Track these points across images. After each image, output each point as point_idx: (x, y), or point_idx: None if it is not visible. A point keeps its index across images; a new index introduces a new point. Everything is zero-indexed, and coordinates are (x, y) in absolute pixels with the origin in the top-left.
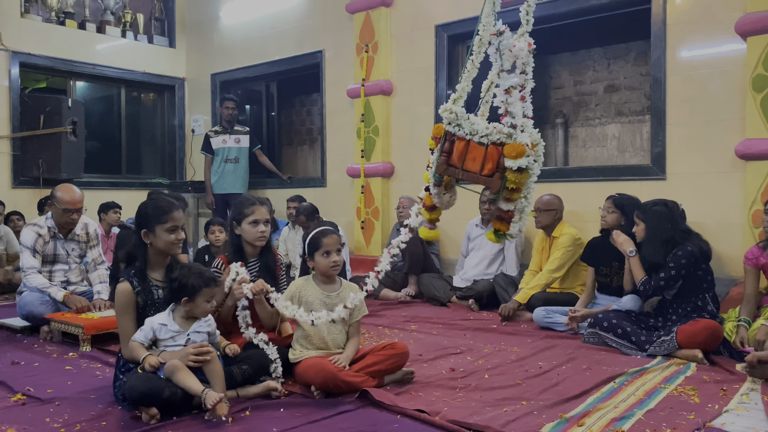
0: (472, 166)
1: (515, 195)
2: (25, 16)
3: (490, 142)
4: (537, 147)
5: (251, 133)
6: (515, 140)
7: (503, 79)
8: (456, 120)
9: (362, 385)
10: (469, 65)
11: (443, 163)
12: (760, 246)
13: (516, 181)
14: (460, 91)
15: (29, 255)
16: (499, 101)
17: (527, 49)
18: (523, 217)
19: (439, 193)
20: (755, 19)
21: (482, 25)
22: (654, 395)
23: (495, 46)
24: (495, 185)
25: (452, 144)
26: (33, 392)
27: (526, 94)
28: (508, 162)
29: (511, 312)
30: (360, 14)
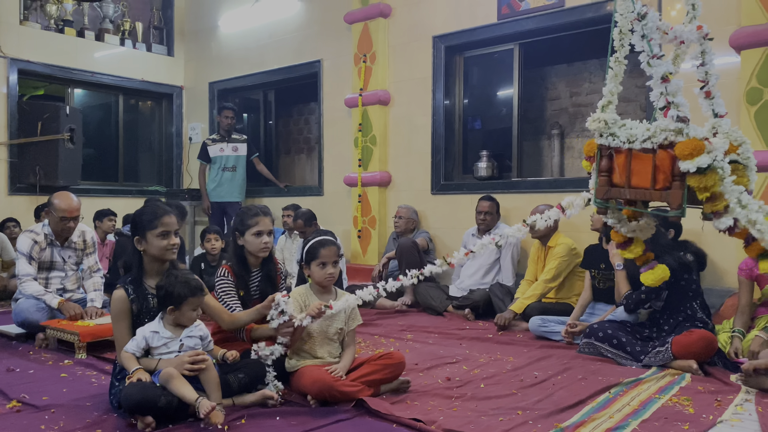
0: (641, 181)
1: (718, 204)
2: (24, 24)
3: (657, 146)
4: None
5: (249, 141)
6: (687, 136)
7: (655, 66)
8: (608, 129)
9: (358, 395)
10: (613, 62)
11: (604, 185)
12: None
13: (704, 185)
14: (608, 95)
15: (25, 262)
16: (655, 94)
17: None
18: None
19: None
20: (749, 33)
21: (619, 13)
22: (649, 405)
23: (639, 32)
24: (675, 198)
25: (611, 159)
26: (28, 399)
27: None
28: (683, 164)
29: (507, 322)
30: (358, 24)
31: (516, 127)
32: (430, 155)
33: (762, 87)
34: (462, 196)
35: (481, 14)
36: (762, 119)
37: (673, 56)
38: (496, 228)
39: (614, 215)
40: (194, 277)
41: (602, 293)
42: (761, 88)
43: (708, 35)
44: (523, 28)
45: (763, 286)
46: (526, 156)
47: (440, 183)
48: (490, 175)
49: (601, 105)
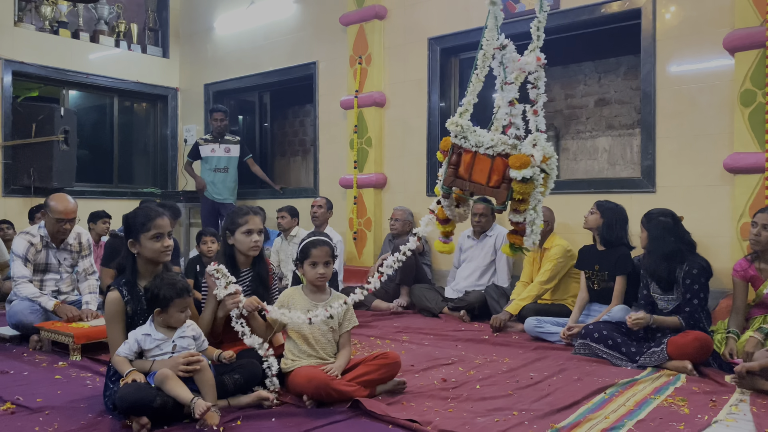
0: (479, 178)
1: (522, 206)
2: (19, 25)
3: (496, 154)
4: (550, 160)
5: (242, 143)
6: (520, 151)
7: (506, 91)
8: (462, 132)
9: (354, 395)
10: (474, 79)
11: (451, 175)
12: (748, 258)
13: (522, 191)
14: (466, 105)
15: (21, 264)
16: (502, 113)
17: (536, 63)
18: (535, 229)
19: (451, 206)
20: (743, 35)
21: (485, 39)
22: (644, 406)
23: (498, 59)
24: (501, 196)
25: (459, 156)
26: (22, 401)
27: (539, 108)
28: (513, 172)
29: (502, 323)
30: (354, 26)
31: None
32: (426, 157)
33: (756, 89)
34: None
35: (476, 16)
36: (756, 121)
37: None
38: (492, 229)
39: (449, 200)
40: (181, 279)
41: (597, 294)
42: (755, 90)
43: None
44: (518, 31)
45: (758, 287)
46: None
47: (436, 185)
48: None
49: (459, 112)
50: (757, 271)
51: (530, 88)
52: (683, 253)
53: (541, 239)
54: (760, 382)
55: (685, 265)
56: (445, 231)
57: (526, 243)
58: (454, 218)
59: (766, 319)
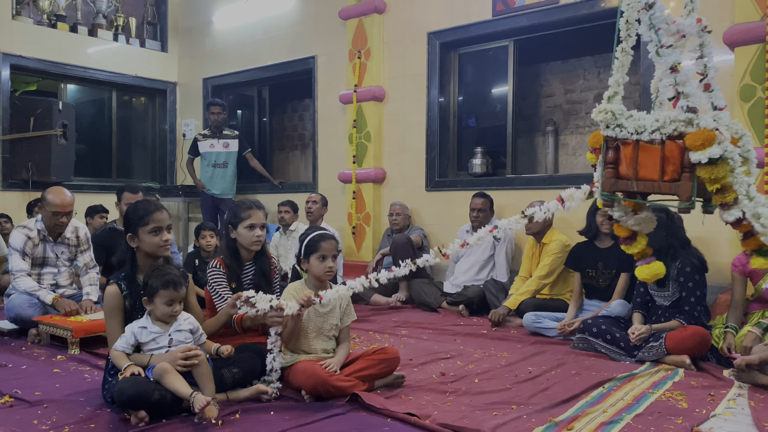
0: (649, 173)
1: (727, 196)
2: (17, 19)
3: (665, 137)
4: (742, 140)
5: (240, 137)
6: (698, 126)
7: (665, 56)
8: (614, 120)
9: (352, 389)
10: (619, 53)
11: (611, 177)
12: (747, 253)
13: (713, 177)
14: (614, 86)
15: (18, 258)
16: (665, 84)
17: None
18: (764, 221)
19: (626, 215)
20: (743, 30)
21: (626, 3)
22: (642, 400)
23: (646, 22)
24: (685, 190)
25: (618, 151)
26: (21, 394)
27: (711, 81)
28: (694, 155)
29: (501, 317)
30: (353, 20)
31: (510, 124)
32: (425, 152)
33: (755, 84)
34: (456, 193)
35: (476, 10)
36: (755, 116)
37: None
38: (490, 224)
39: (620, 208)
40: (174, 272)
41: (600, 292)
42: (755, 84)
43: (707, 28)
44: (518, 25)
45: (756, 282)
46: (521, 153)
47: (435, 179)
48: (484, 171)
49: (607, 96)
50: None
51: (696, 59)
52: (675, 249)
53: (541, 234)
54: (758, 376)
55: (678, 262)
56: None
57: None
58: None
59: (764, 314)
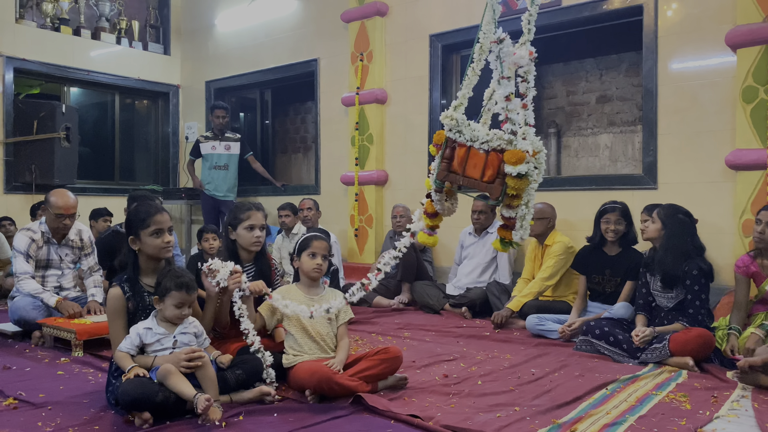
0: (473, 173)
1: (516, 201)
2: (20, 22)
3: (491, 149)
4: (539, 155)
5: (242, 140)
6: (515, 147)
7: (503, 86)
8: (457, 126)
9: (356, 389)
10: (470, 72)
11: (444, 170)
12: (750, 255)
13: (516, 187)
14: (461, 98)
15: (23, 260)
16: (499, 108)
17: (528, 57)
18: (524, 224)
19: (441, 200)
20: (745, 31)
21: (482, 32)
22: (646, 402)
23: (495, 53)
24: (495, 191)
25: (453, 150)
26: (25, 396)
27: (528, 102)
28: (508, 168)
29: (503, 320)
30: (355, 23)
31: None
32: (427, 154)
33: (758, 85)
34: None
35: (478, 13)
36: (758, 117)
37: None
38: (492, 226)
39: (440, 194)
40: (189, 275)
41: (605, 297)
42: (757, 86)
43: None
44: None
45: (760, 283)
46: None
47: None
48: None
49: (454, 106)
50: (760, 268)
51: (520, 82)
52: (692, 255)
53: (543, 236)
54: (762, 378)
55: (686, 265)
56: (432, 225)
57: (515, 237)
58: (443, 212)
59: (767, 316)
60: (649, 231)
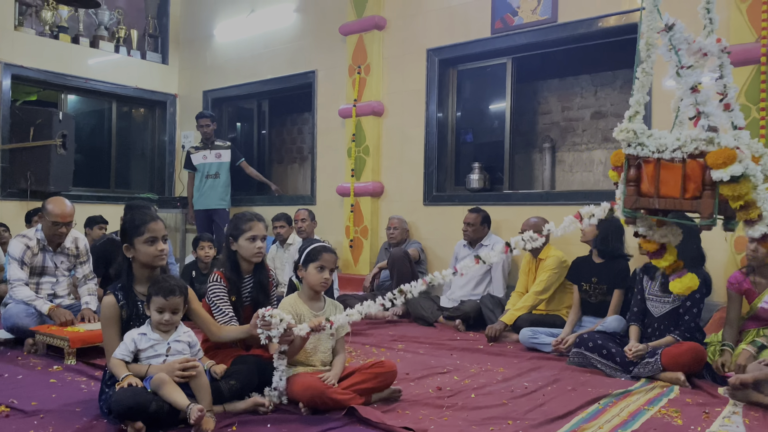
0: (671, 191)
1: (752, 212)
2: (19, 29)
3: (687, 156)
4: (763, 158)
5: (233, 147)
6: (719, 145)
7: (684, 76)
8: (636, 139)
9: (350, 403)
10: (640, 73)
11: (633, 194)
12: (743, 271)
13: (737, 194)
14: (635, 105)
15: (17, 267)
16: (685, 104)
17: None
18: None
19: (652, 229)
20: (738, 51)
21: (645, 23)
22: (638, 417)
23: (666, 42)
24: (706, 207)
25: (639, 169)
26: (17, 404)
27: (731, 100)
28: (716, 173)
29: (497, 333)
30: (353, 36)
31: (508, 140)
32: (423, 166)
33: (750, 104)
34: (454, 208)
35: (475, 28)
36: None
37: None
38: (487, 239)
39: (644, 223)
40: (171, 281)
41: (594, 307)
42: (750, 105)
43: (726, 48)
44: (516, 43)
45: (752, 300)
46: (518, 169)
47: (432, 194)
48: (481, 187)
49: (629, 115)
50: (752, 285)
51: (717, 79)
52: (697, 261)
53: (537, 250)
54: (753, 394)
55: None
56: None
57: None
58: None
59: (759, 333)
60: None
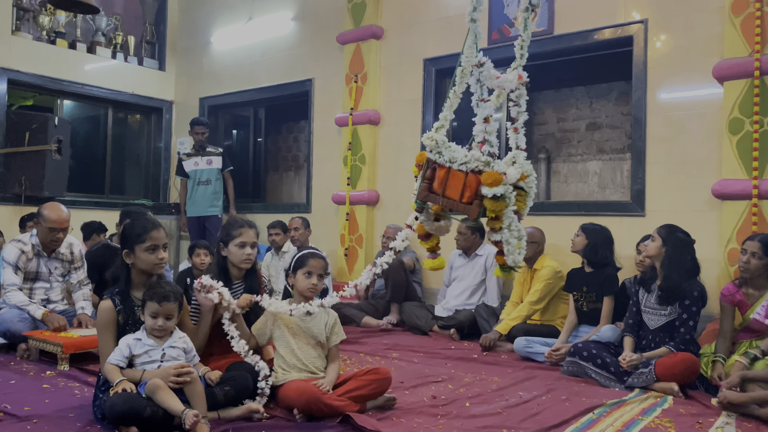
0: (453, 194)
1: (496, 224)
2: (16, 34)
3: (470, 170)
4: (529, 178)
5: (224, 154)
6: (493, 168)
7: (481, 108)
8: (437, 147)
9: (345, 409)
10: (451, 95)
11: (424, 190)
12: (736, 283)
13: (494, 209)
14: (442, 120)
15: (11, 272)
16: (477, 130)
17: (517, 82)
18: (510, 248)
19: (429, 220)
20: (732, 64)
21: (464, 56)
22: (632, 426)
23: (476, 76)
24: (473, 212)
25: (434, 171)
26: (10, 409)
27: (519, 126)
28: (484, 189)
29: (492, 342)
30: (350, 45)
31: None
32: None
33: (744, 117)
34: None
35: None
36: (743, 149)
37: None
38: (481, 248)
39: (426, 214)
40: (167, 288)
41: (586, 316)
42: (743, 118)
43: (526, 83)
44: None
45: (745, 312)
46: None
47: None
48: None
49: (436, 127)
50: (745, 296)
51: (511, 106)
52: (693, 273)
53: (532, 260)
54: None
55: (687, 284)
56: (430, 247)
57: (508, 261)
58: (435, 232)
59: (752, 344)
60: (649, 248)
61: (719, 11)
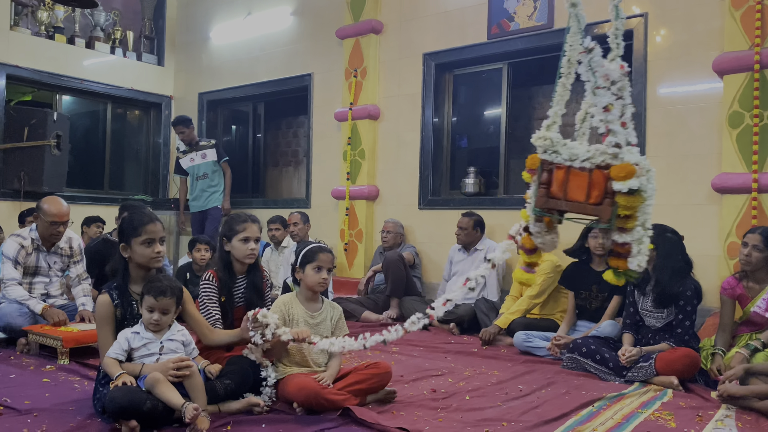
0: (577, 195)
1: (630, 223)
2: (14, 29)
3: (594, 166)
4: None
5: (217, 145)
6: (622, 160)
7: (599, 96)
8: (552, 146)
9: (345, 403)
10: (560, 88)
11: (543, 196)
12: (736, 277)
13: (629, 205)
14: (553, 116)
15: (11, 266)
16: (597, 120)
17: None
18: (642, 249)
19: (541, 233)
20: (731, 58)
21: (569, 44)
22: (632, 419)
23: (585, 64)
24: (605, 213)
25: (551, 174)
26: (10, 403)
27: (627, 120)
28: (616, 185)
29: (491, 336)
30: (350, 40)
31: (503, 145)
32: (418, 170)
33: (744, 111)
34: (449, 212)
35: (471, 33)
36: (743, 142)
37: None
38: (481, 243)
39: (539, 225)
40: (165, 282)
41: (592, 313)
42: (743, 112)
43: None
44: (512, 48)
45: (745, 305)
46: (513, 173)
47: (428, 198)
48: (477, 191)
49: (546, 125)
50: (745, 290)
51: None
52: (685, 272)
53: None
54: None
55: (680, 285)
56: (530, 261)
57: (631, 265)
58: (543, 247)
59: (752, 337)
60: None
61: (719, 5)
